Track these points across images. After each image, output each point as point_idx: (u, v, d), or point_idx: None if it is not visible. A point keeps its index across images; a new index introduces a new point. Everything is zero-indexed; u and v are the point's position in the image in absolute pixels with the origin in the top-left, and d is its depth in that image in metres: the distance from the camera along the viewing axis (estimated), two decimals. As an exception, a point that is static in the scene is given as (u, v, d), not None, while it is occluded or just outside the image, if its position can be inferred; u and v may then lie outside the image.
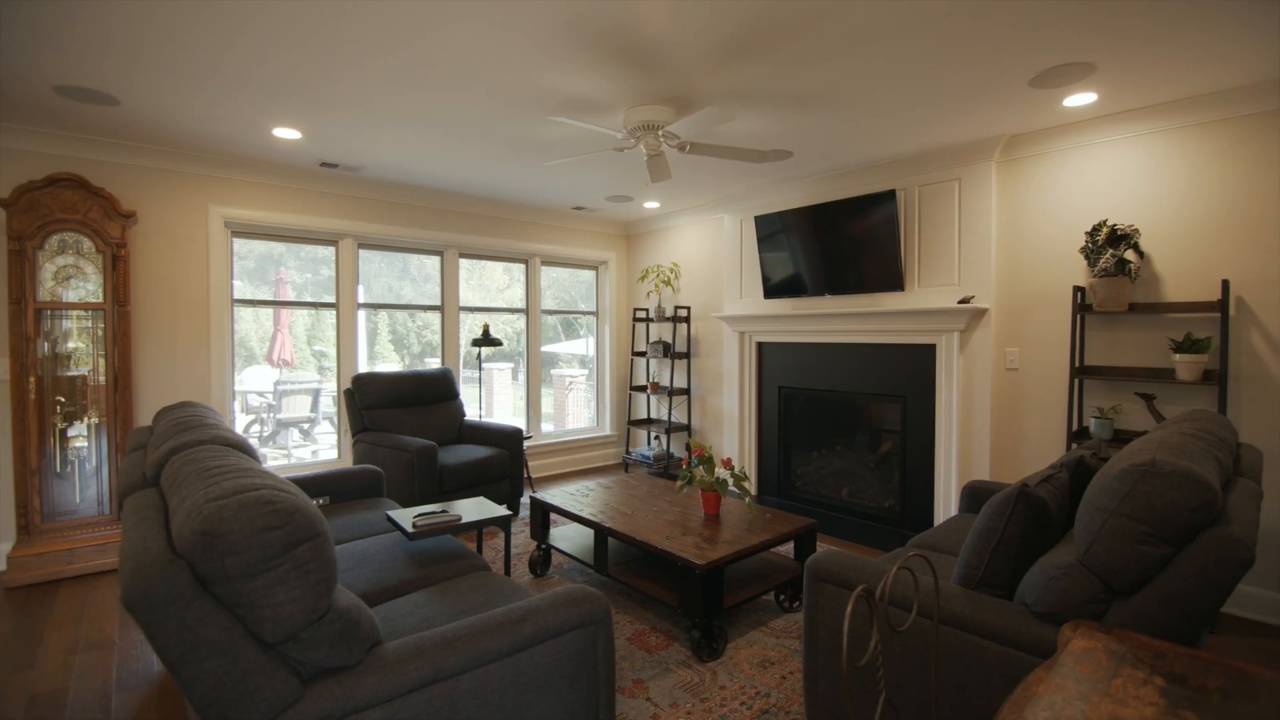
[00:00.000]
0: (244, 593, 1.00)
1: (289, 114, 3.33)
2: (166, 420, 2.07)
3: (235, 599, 1.00)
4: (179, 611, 0.94)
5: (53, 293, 3.39)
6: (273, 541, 1.02)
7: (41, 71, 2.78)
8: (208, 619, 0.97)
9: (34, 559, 3.23)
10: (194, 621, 0.95)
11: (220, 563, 0.98)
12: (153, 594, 0.92)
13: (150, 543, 1.03)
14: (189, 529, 1.00)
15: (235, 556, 0.99)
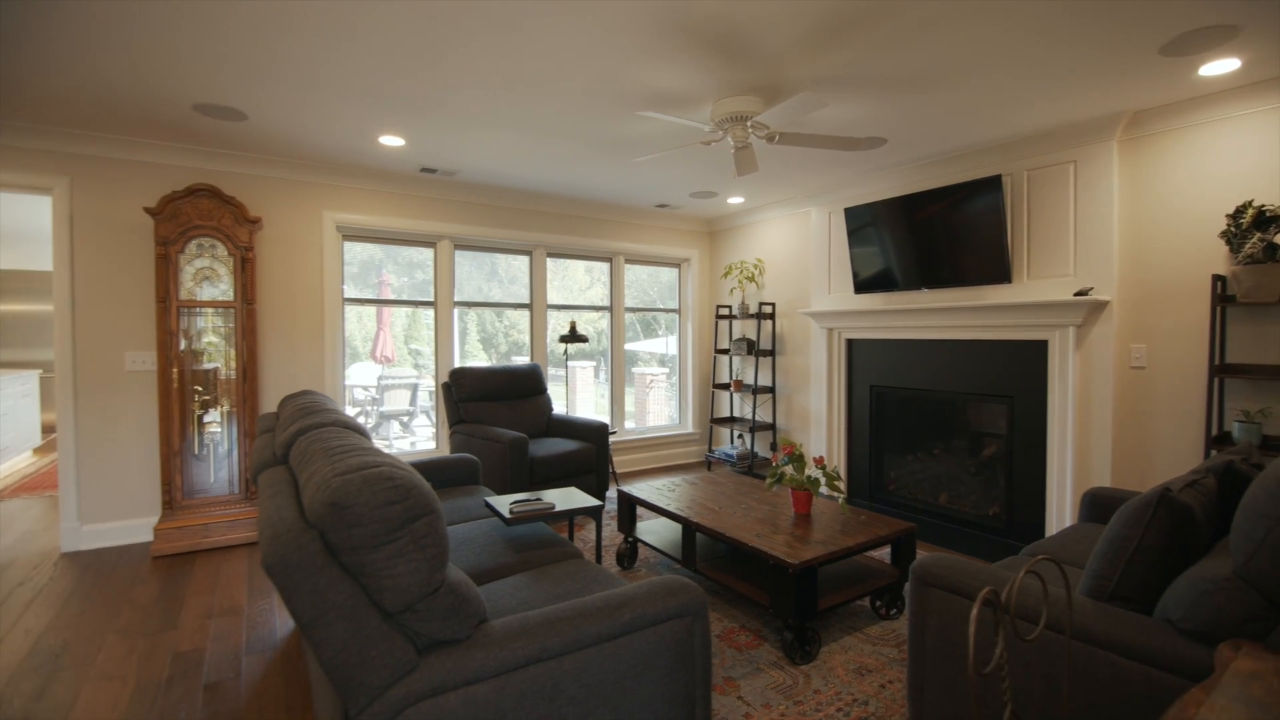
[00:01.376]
0: (367, 563, 1.06)
1: (394, 122, 3.52)
2: (290, 406, 2.24)
3: (360, 568, 1.06)
4: (311, 577, 1.01)
5: (191, 292, 3.75)
6: (393, 515, 1.07)
7: (182, 91, 3.09)
8: (336, 586, 1.03)
9: (176, 531, 3.59)
10: (324, 587, 1.02)
11: (347, 533, 1.04)
12: (289, 559, 1.00)
13: (285, 513, 1.11)
14: (319, 501, 1.07)
15: (360, 528, 1.05)
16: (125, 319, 3.83)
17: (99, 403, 3.77)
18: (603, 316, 6.18)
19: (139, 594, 3.03)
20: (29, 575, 3.29)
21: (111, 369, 3.80)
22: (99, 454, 3.76)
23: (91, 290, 3.75)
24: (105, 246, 3.79)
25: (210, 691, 2.18)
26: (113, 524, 3.79)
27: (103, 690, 2.20)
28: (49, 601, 2.96)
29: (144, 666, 2.36)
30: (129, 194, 3.83)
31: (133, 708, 2.09)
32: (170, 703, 2.12)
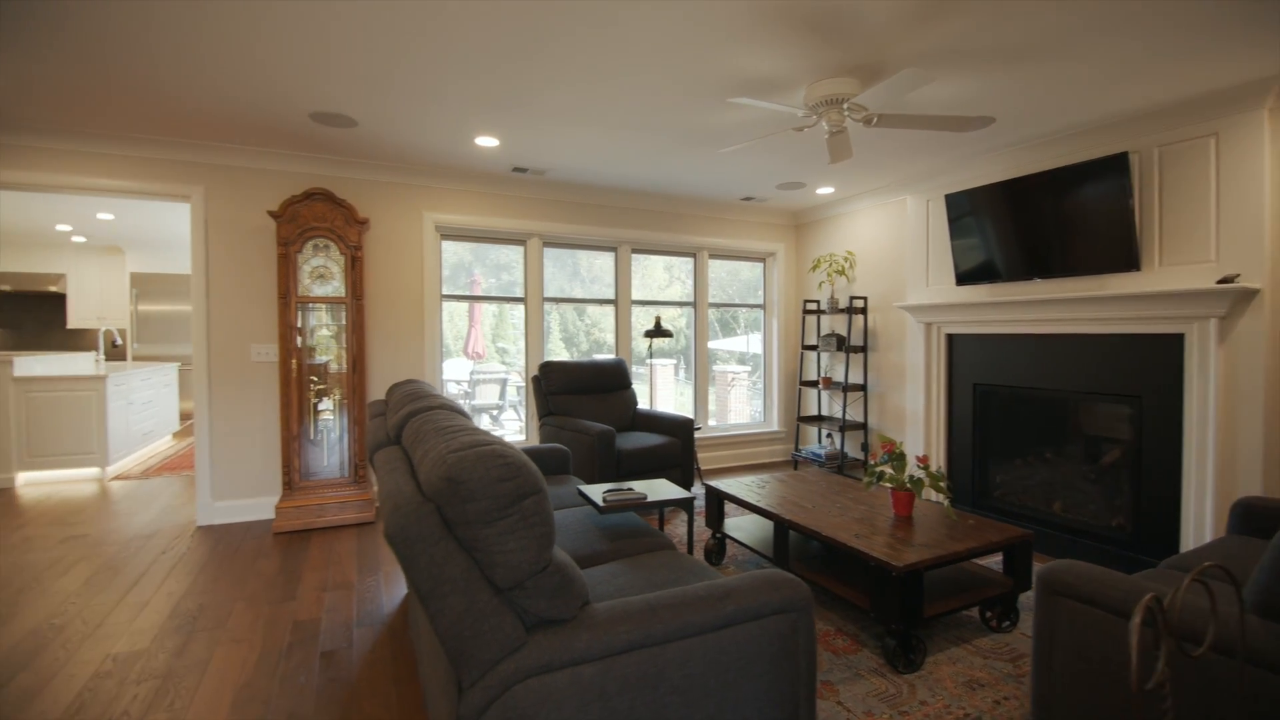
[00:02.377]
0: (480, 538, 1.08)
1: (489, 122, 3.64)
2: (399, 393, 2.36)
3: (473, 543, 1.09)
4: (429, 548, 1.04)
5: (307, 289, 4.04)
6: (505, 492, 1.09)
7: (300, 102, 3.32)
8: (452, 558, 1.06)
9: (294, 510, 3.88)
10: (441, 559, 1.05)
11: (461, 508, 1.07)
12: (409, 530, 1.03)
13: (404, 486, 1.16)
14: (436, 475, 1.11)
15: (474, 503, 1.07)
16: (251, 314, 4.18)
17: (229, 391, 4.13)
18: (682, 314, 6.15)
19: (263, 566, 3.30)
20: (170, 545, 3.64)
21: (239, 360, 4.15)
22: (229, 438, 4.13)
23: (223, 288, 4.12)
24: (234, 248, 4.14)
25: (326, 659, 2.33)
26: (240, 501, 4.15)
27: (233, 652, 2.40)
28: (187, 569, 3.27)
29: (268, 633, 2.55)
30: (254, 199, 4.17)
31: (259, 670, 2.27)
32: (291, 667, 2.28)
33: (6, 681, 2.19)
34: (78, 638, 2.51)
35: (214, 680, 2.19)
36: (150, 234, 7.59)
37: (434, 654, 1.32)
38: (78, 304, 8.47)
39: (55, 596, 2.91)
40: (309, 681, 2.18)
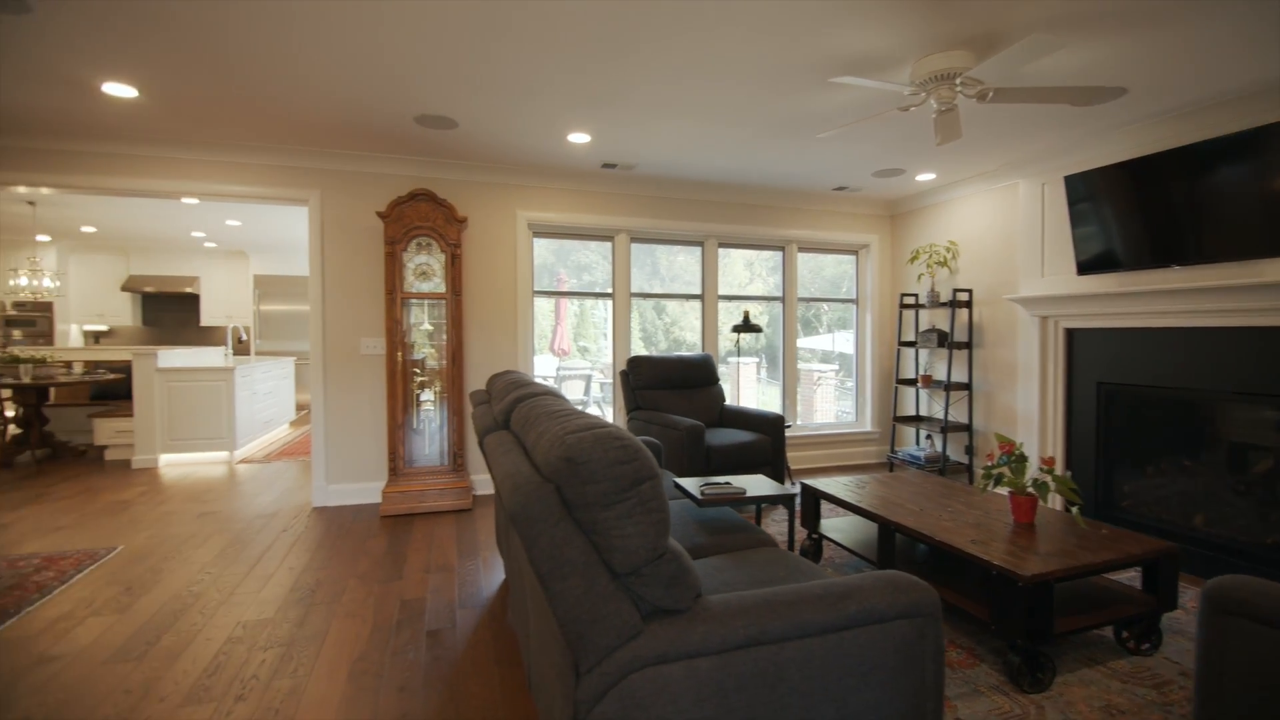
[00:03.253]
0: (598, 521, 1.07)
1: (581, 118, 3.68)
2: (500, 382, 2.41)
3: (592, 525, 1.07)
4: (550, 528, 1.04)
5: (411, 286, 4.24)
6: (623, 475, 1.07)
7: (405, 106, 3.47)
8: (572, 540, 1.05)
9: (398, 495, 4.09)
10: (561, 540, 1.04)
11: (581, 489, 1.06)
12: (531, 509, 1.03)
13: (522, 467, 1.16)
14: (554, 456, 1.10)
15: (593, 485, 1.06)
16: (361, 310, 4.43)
17: (341, 383, 4.40)
18: (765, 310, 6.00)
19: (371, 547, 3.48)
20: (290, 524, 3.92)
21: (350, 353, 4.42)
22: (341, 426, 4.40)
23: (336, 285, 4.39)
24: (345, 247, 4.41)
25: (432, 638, 2.42)
26: (350, 485, 4.41)
27: (348, 626, 2.53)
28: (305, 546, 3.50)
29: (378, 609, 2.68)
30: (364, 201, 4.42)
31: (371, 643, 2.38)
32: (400, 643, 2.38)
33: (155, 641, 2.41)
34: (213, 605, 2.74)
35: (331, 650, 2.33)
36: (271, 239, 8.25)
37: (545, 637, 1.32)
38: (209, 303, 9.34)
39: (193, 566, 3.20)
40: (417, 657, 2.27)
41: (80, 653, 2.32)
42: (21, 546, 3.48)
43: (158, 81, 3.13)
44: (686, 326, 8.08)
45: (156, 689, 2.07)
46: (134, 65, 2.94)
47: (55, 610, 2.68)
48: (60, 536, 3.65)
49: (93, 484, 4.95)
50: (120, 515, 4.09)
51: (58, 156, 3.98)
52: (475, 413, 2.26)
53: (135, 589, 2.90)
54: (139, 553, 3.38)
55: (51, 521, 3.94)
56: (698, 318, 5.78)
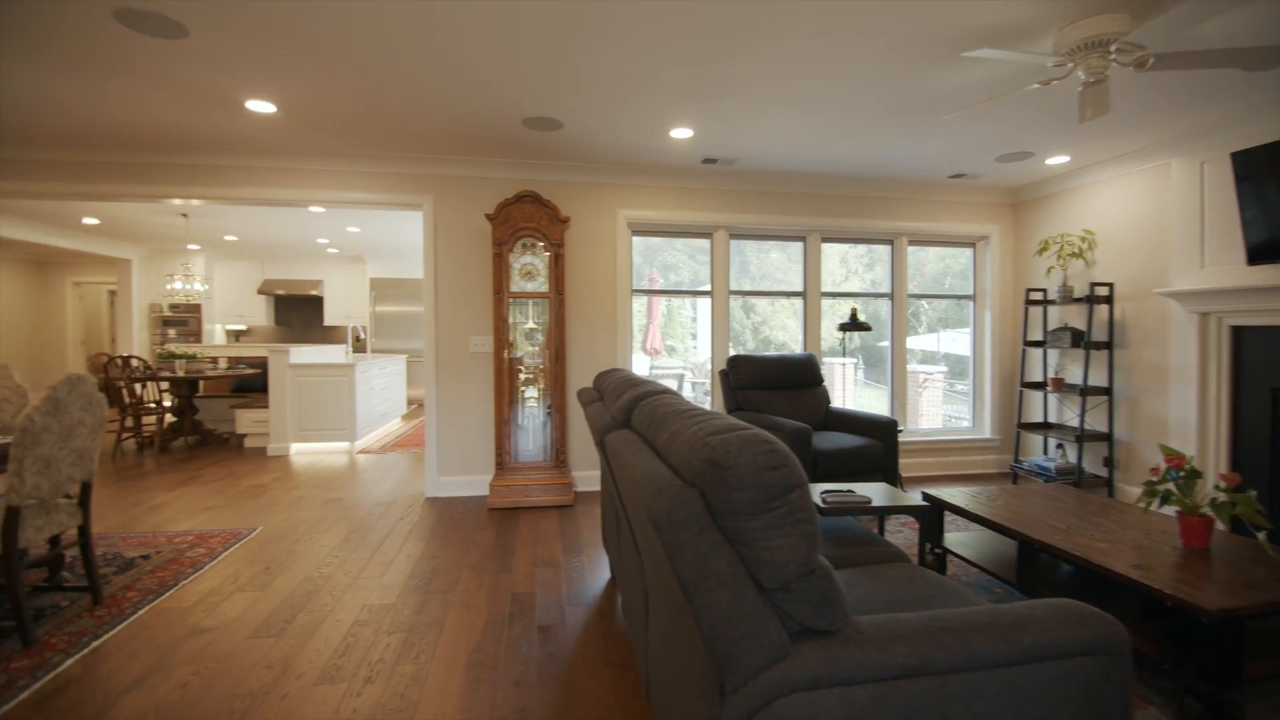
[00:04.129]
0: (745, 530, 0.99)
1: (685, 114, 3.61)
2: (611, 380, 2.39)
3: (738, 535, 1.00)
4: (695, 536, 0.97)
5: (517, 285, 4.34)
6: (773, 482, 0.99)
7: (513, 109, 3.54)
8: (717, 550, 0.98)
9: (504, 489, 4.20)
10: (706, 549, 0.97)
11: (728, 495, 0.98)
12: (675, 516, 0.97)
13: (660, 469, 1.11)
14: (696, 459, 1.04)
15: (742, 492, 0.98)
16: (470, 309, 4.60)
17: (452, 379, 4.58)
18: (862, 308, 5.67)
19: (481, 538, 3.58)
20: (406, 512, 4.12)
21: (460, 351, 4.59)
22: (451, 421, 4.58)
23: (448, 285, 4.58)
24: (456, 249, 4.58)
25: (543, 633, 2.44)
26: (460, 478, 4.59)
27: (463, 616, 2.60)
28: (420, 534, 3.66)
29: (491, 600, 2.74)
30: (472, 205, 4.58)
31: (486, 634, 2.43)
32: (513, 636, 2.41)
33: (291, 619, 2.58)
34: (340, 587, 2.90)
35: (449, 639, 2.39)
36: (385, 244, 8.78)
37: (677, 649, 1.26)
38: (331, 305, 10.08)
39: (321, 550, 3.41)
40: (530, 652, 2.29)
41: (228, 626, 2.52)
42: (177, 524, 3.86)
43: (294, 98, 3.36)
44: (776, 325, 7.84)
45: (294, 666, 2.20)
46: (275, 83, 3.17)
47: (206, 585, 2.93)
48: (209, 516, 4.02)
49: (235, 469, 5.44)
50: (259, 498, 4.46)
51: (206, 171, 4.39)
52: (589, 410, 2.24)
53: (273, 568, 3.13)
54: (275, 534, 3.66)
55: (201, 502, 4.35)
56: (789, 316, 5.58)
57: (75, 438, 2.52)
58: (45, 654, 2.25)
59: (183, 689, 2.06)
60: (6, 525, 2.26)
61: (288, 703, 1.98)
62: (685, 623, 1.07)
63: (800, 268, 5.42)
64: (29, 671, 2.13)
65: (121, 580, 2.96)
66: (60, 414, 2.41)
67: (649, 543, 1.31)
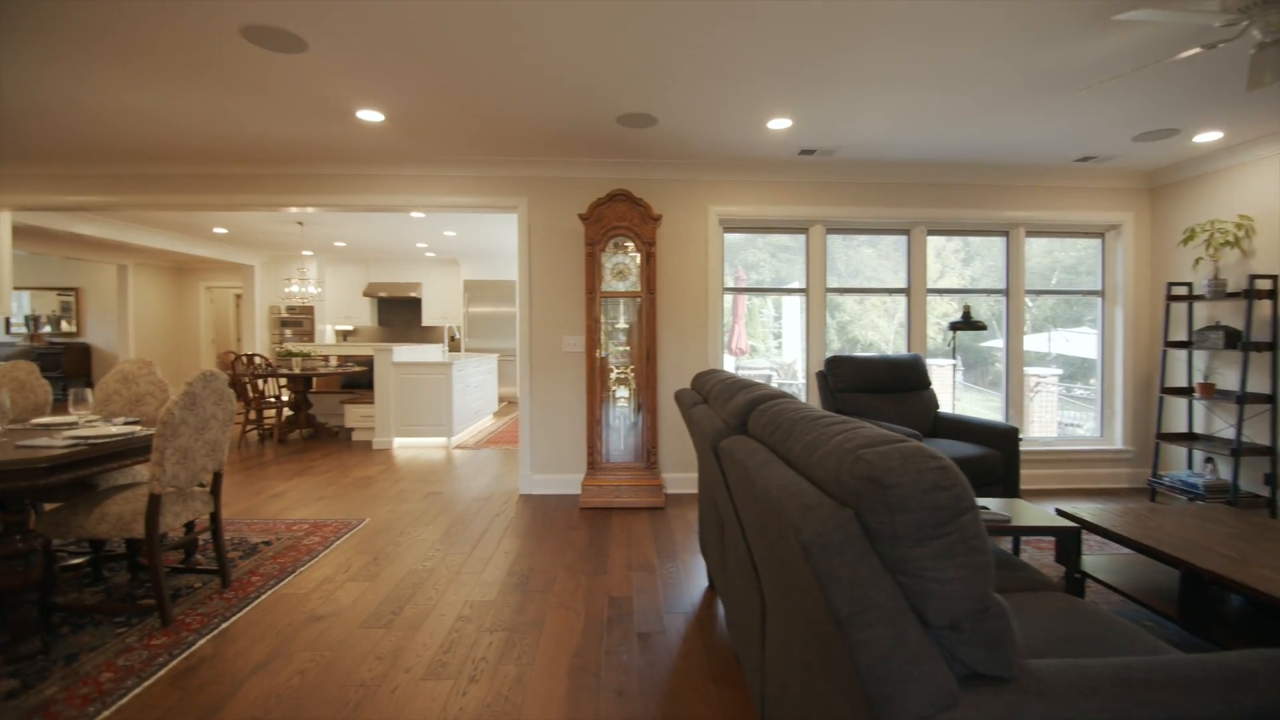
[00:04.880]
0: (909, 559, 0.87)
1: (784, 103, 3.46)
2: (713, 381, 2.29)
3: (900, 564, 0.87)
4: (851, 564, 0.86)
5: (609, 285, 4.32)
6: (942, 504, 0.86)
7: (608, 107, 3.51)
8: (877, 580, 0.86)
9: (596, 489, 4.19)
10: (864, 579, 0.86)
11: (889, 518, 0.86)
12: (828, 539, 0.86)
13: (800, 484, 1.00)
14: (849, 475, 0.92)
15: (906, 514, 0.86)
16: (562, 309, 4.63)
17: (544, 378, 4.63)
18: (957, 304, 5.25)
19: (575, 538, 3.58)
20: (501, 509, 4.19)
21: (552, 351, 4.63)
22: (544, 419, 4.63)
23: (541, 286, 4.63)
24: (549, 250, 4.63)
25: (643, 641, 2.37)
26: (552, 476, 4.63)
27: (562, 618, 2.58)
28: (516, 531, 3.70)
29: (588, 603, 2.71)
30: (565, 205, 4.61)
31: (586, 639, 2.39)
32: (613, 642, 2.36)
33: (398, 611, 2.65)
34: (443, 581, 2.97)
35: (550, 641, 2.37)
36: (479, 247, 9.07)
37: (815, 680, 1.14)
38: (429, 306, 10.54)
39: (424, 543, 3.51)
40: (630, 660, 2.23)
41: (341, 614, 2.61)
42: (294, 512, 4.10)
43: (401, 105, 3.48)
44: (866, 325, 7.44)
45: (402, 659, 2.25)
46: (384, 91, 3.29)
47: (320, 572, 3.08)
48: (322, 506, 4.25)
49: (344, 461, 5.75)
50: (366, 490, 4.68)
51: (319, 179, 4.65)
52: (693, 413, 2.15)
53: (380, 559, 3.25)
54: (382, 525, 3.81)
55: (315, 492, 4.62)
56: (880, 315, 5.26)
57: (209, 430, 2.69)
58: (181, 633, 2.42)
59: (301, 675, 2.14)
60: (150, 511, 2.44)
61: (398, 696, 2.02)
62: (832, 656, 0.95)
63: (892, 264, 5.10)
64: (166, 649, 2.29)
65: (247, 565, 3.15)
66: (196, 408, 2.58)
67: (776, 561, 1.20)
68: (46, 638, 2.35)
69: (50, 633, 2.40)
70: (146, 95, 3.33)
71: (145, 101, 3.42)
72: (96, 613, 2.59)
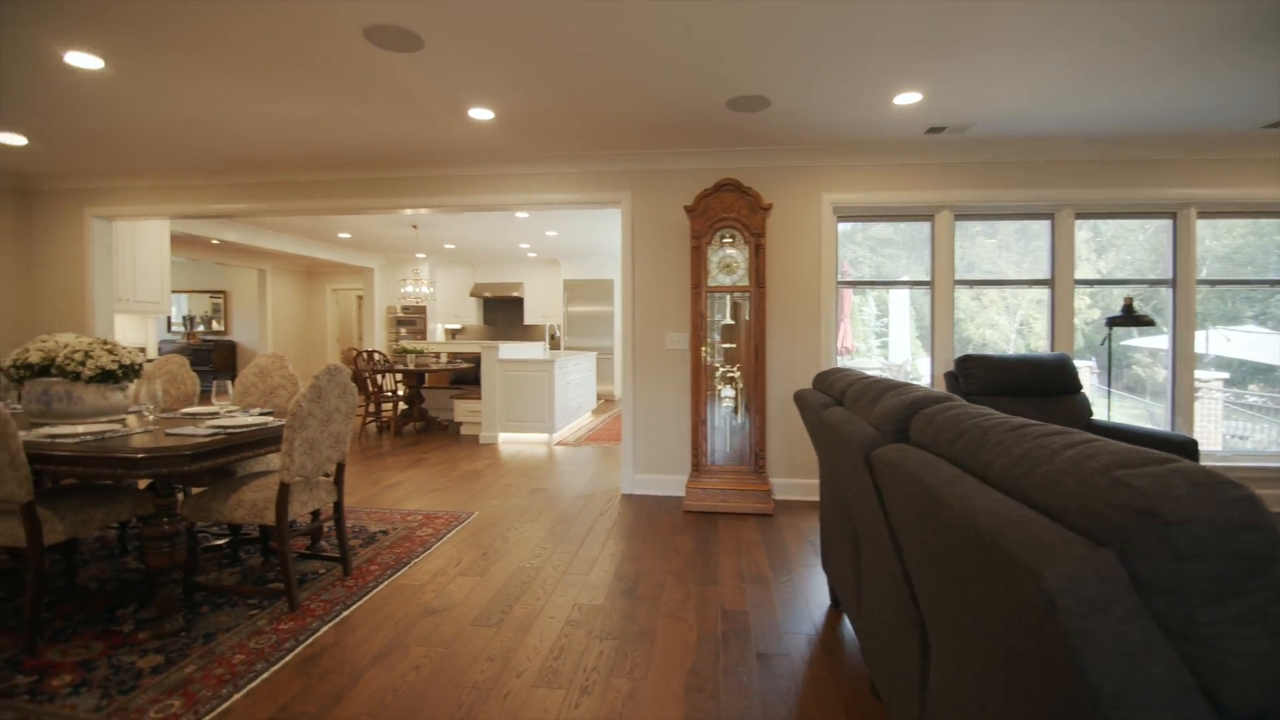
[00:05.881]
0: (1201, 622, 0.64)
1: (915, 74, 3.13)
2: (843, 380, 2.06)
3: (1186, 628, 0.65)
4: (1116, 625, 0.64)
5: (715, 279, 4.14)
6: (1251, 549, 0.62)
7: (718, 90, 3.32)
8: (1153, 649, 0.64)
9: (701, 492, 4.02)
10: (1135, 646, 0.64)
11: (1173, 566, 0.64)
12: (1082, 588, 0.65)
13: (1023, 511, 0.79)
14: (1105, 504, 0.70)
15: (1198, 562, 0.63)
16: (666, 305, 4.49)
17: (647, 376, 4.52)
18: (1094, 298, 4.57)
19: (680, 543, 3.43)
20: (605, 508, 4.12)
21: (655, 348, 4.51)
22: (646, 418, 4.52)
23: (644, 282, 4.52)
24: (652, 245, 4.51)
25: (763, 662, 2.18)
26: (654, 476, 4.51)
27: (673, 629, 2.43)
28: (620, 533, 3.61)
29: (700, 615, 2.55)
30: (669, 198, 4.47)
31: (700, 655, 2.23)
32: (730, 662, 2.19)
33: (508, 610, 2.61)
34: (551, 581, 2.91)
35: (662, 655, 2.23)
36: (579, 246, 9.15)
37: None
38: (530, 305, 10.80)
39: (530, 540, 3.49)
40: (751, 684, 2.04)
41: (453, 609, 2.61)
42: (409, 503, 4.23)
43: (510, 101, 3.48)
44: (984, 322, 6.77)
45: (514, 662, 2.19)
46: (495, 87, 3.29)
47: (433, 565, 3.11)
48: (434, 497, 4.37)
49: (453, 454, 5.94)
50: (474, 483, 4.78)
51: (431, 181, 4.78)
52: (826, 416, 1.94)
53: (490, 554, 3.25)
54: (489, 519, 3.85)
55: (427, 484, 4.76)
56: (1000, 312, 4.73)
57: (333, 422, 2.78)
58: (306, 619, 2.50)
59: (416, 671, 2.13)
60: (280, 499, 2.54)
61: (510, 702, 1.95)
62: None
63: (1014, 255, 4.57)
64: (293, 634, 2.36)
65: (366, 553, 3.25)
66: (322, 400, 2.66)
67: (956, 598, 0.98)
68: (189, 615, 2.50)
69: (192, 610, 2.56)
70: (280, 105, 3.53)
71: (279, 110, 3.62)
72: (233, 593, 2.73)
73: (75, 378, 2.70)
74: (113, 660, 2.15)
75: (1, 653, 2.21)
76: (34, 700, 1.91)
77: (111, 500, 2.53)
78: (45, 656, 2.18)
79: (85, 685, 2.00)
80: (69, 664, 2.13)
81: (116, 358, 2.80)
